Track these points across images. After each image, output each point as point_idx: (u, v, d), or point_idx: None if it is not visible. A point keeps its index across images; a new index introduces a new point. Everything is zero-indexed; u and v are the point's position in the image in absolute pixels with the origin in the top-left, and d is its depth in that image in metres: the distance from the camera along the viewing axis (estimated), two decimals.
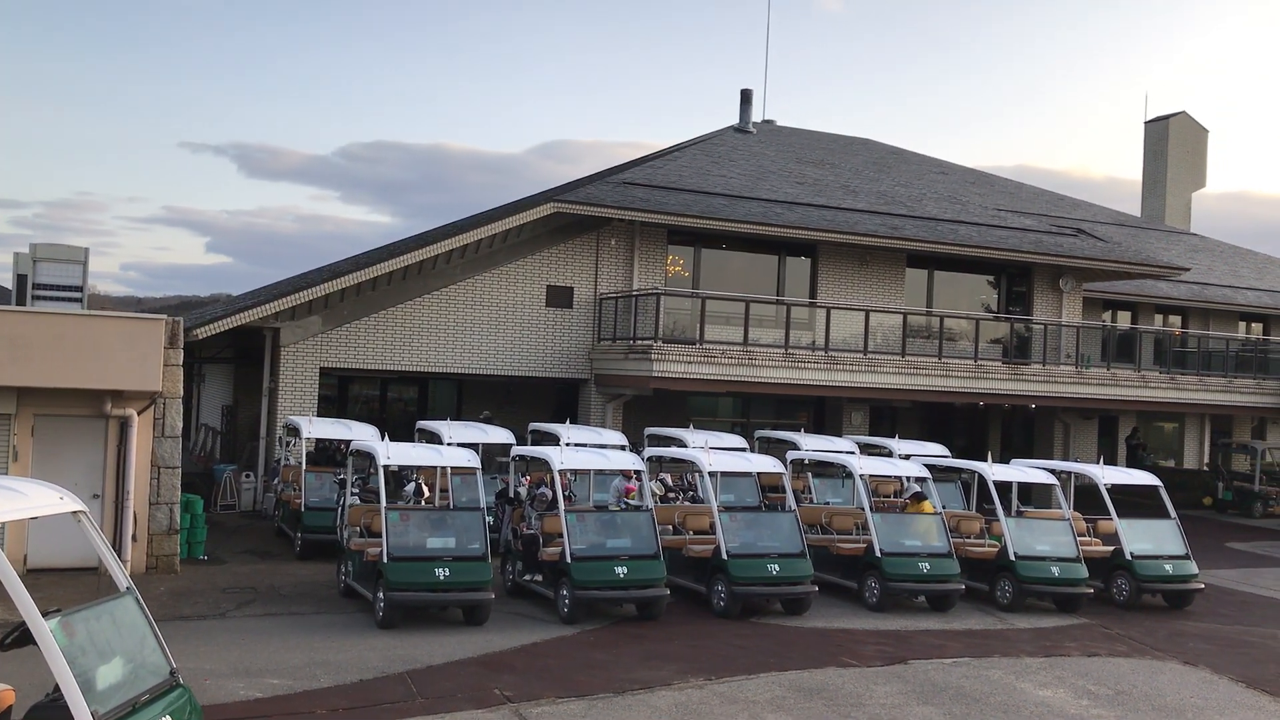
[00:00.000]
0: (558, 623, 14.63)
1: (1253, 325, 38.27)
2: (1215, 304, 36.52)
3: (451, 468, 17.36)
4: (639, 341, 23.64)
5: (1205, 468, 35.46)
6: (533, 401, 27.62)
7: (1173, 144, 45.23)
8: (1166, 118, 45.52)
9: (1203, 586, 18.26)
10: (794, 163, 32.22)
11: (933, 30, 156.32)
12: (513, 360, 24.91)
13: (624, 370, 24.00)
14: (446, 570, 14.04)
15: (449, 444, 18.49)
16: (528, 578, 15.95)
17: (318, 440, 20.81)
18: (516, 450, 18.13)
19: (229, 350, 27.98)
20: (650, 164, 29.32)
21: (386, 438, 16.72)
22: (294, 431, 20.52)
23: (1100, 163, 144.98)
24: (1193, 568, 18.13)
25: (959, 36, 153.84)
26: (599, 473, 18.48)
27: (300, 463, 19.59)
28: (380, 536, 14.27)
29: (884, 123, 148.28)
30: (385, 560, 13.96)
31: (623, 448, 19.82)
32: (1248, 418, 35.92)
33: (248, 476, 23.79)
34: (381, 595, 13.95)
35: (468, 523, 14.81)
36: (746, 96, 35.26)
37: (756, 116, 36.39)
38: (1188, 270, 33.52)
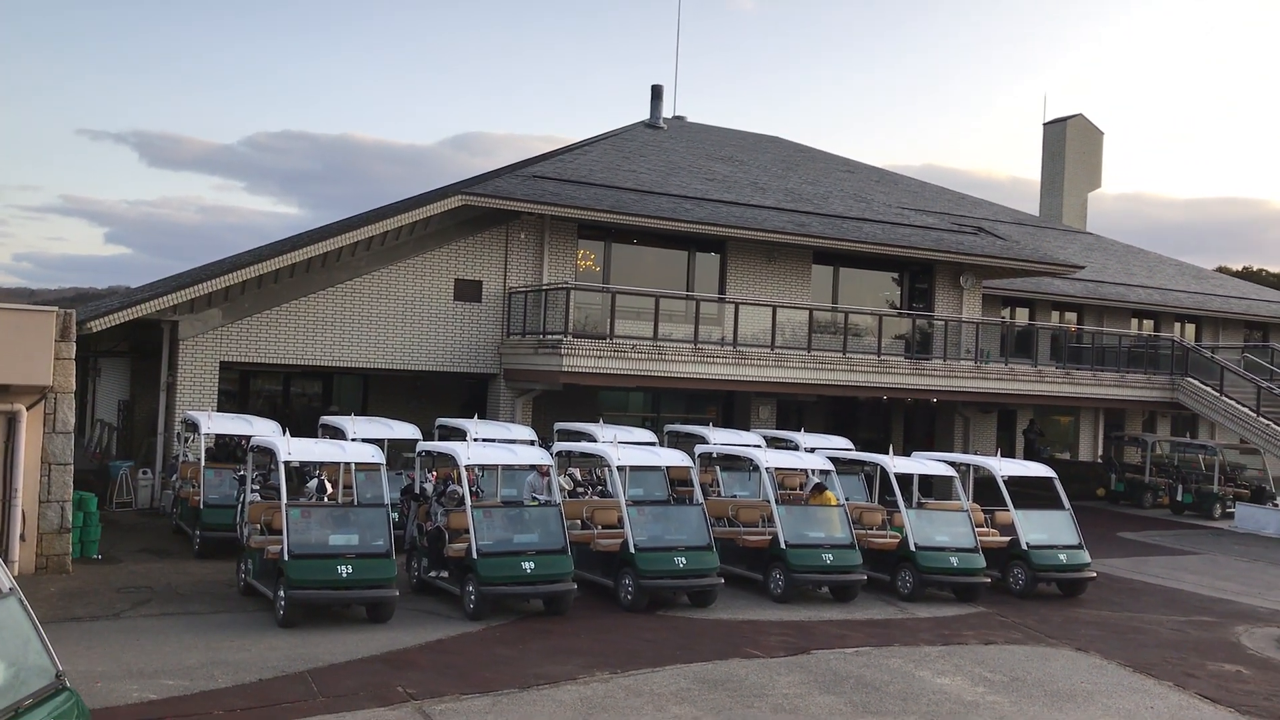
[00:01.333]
0: (464, 619, 14.53)
1: (1144, 322, 39.63)
2: (1109, 301, 37.73)
3: (355, 463, 17.11)
4: (549, 336, 23.58)
5: (1099, 460, 36.64)
6: (441, 396, 27.37)
7: (1070, 145, 46.59)
8: (1064, 120, 46.87)
9: (1095, 575, 18.87)
10: (704, 159, 32.44)
11: (844, 31, 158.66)
12: (420, 355, 24.64)
13: (534, 365, 23.92)
14: (349, 567, 13.85)
15: (353, 439, 18.22)
16: (433, 574, 15.81)
17: (217, 436, 20.35)
18: (422, 446, 17.95)
19: (126, 344, 27.19)
20: (560, 158, 29.26)
21: (288, 433, 16.42)
22: (193, 427, 20.04)
23: (1004, 163, 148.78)
24: (1086, 557, 18.73)
25: (870, 37, 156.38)
26: (506, 468, 18.39)
27: (199, 459, 19.14)
28: (281, 534, 14.02)
29: (794, 121, 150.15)
30: (286, 558, 13.72)
31: (532, 443, 19.77)
32: (1139, 411, 37.18)
33: (145, 473, 23.16)
34: (282, 593, 13.71)
35: (371, 519, 14.63)
36: (657, 92, 35.38)
37: (667, 112, 36.53)
38: (1083, 268, 34.56)
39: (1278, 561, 23.63)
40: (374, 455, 15.50)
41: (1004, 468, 19.38)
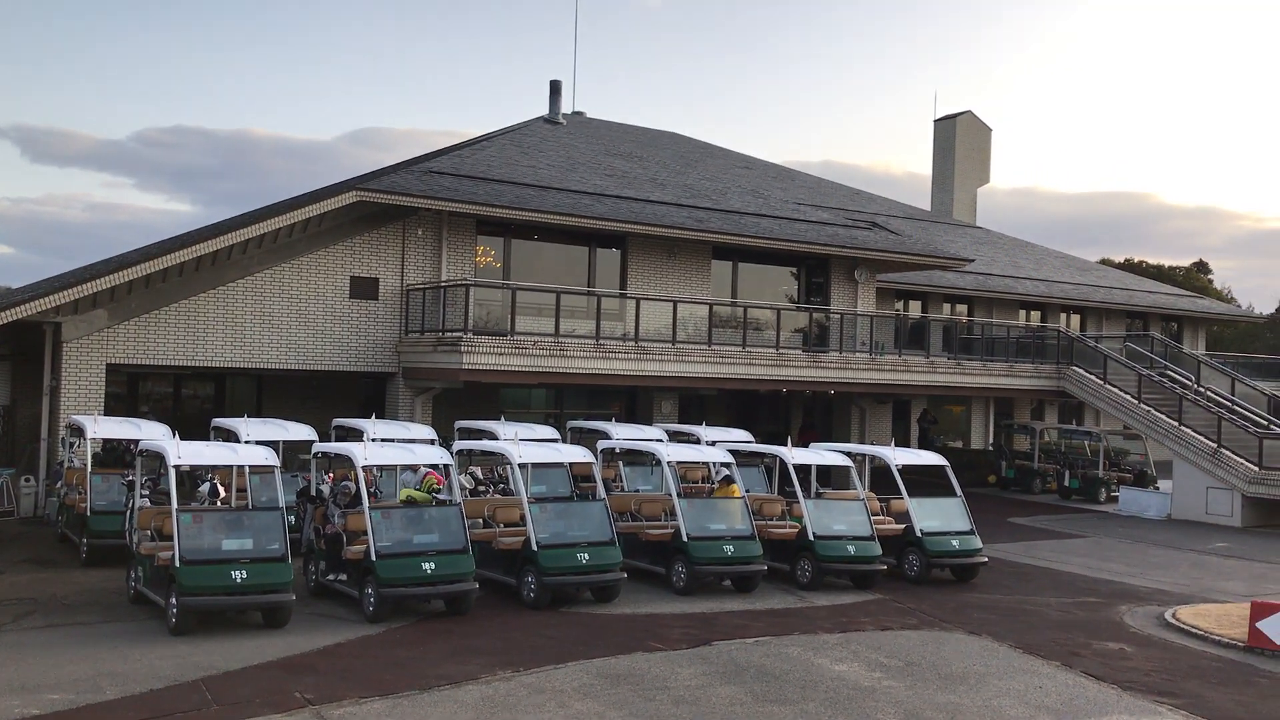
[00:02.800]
0: (363, 622, 14.34)
1: (1032, 313, 40.91)
2: (998, 293, 38.86)
3: (249, 466, 16.73)
4: (448, 333, 23.36)
5: (990, 447, 37.70)
6: (338, 397, 26.92)
7: (959, 142, 47.79)
8: (953, 117, 48.05)
9: (986, 560, 19.43)
10: (603, 155, 32.46)
11: (746, 28, 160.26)
12: (315, 354, 24.19)
13: (433, 363, 23.68)
14: (243, 572, 13.56)
15: (246, 442, 17.82)
16: (331, 577, 15.57)
17: (104, 441, 19.73)
18: (318, 447, 17.65)
19: (6, 347, 26.13)
20: (458, 153, 28.98)
21: (177, 436, 15.98)
22: (78, 432, 19.38)
23: (900, 159, 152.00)
24: (977, 543, 19.27)
25: (771, 35, 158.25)
26: (405, 468, 18.18)
27: (85, 464, 18.52)
28: (172, 539, 13.65)
29: (695, 117, 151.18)
30: (178, 564, 13.37)
31: (432, 442, 19.57)
32: (1028, 400, 38.37)
33: (28, 480, 22.32)
34: (174, 600, 13.36)
35: (266, 523, 14.33)
36: (556, 88, 35.27)
37: (567, 108, 36.46)
38: (972, 261, 35.49)
39: (1159, 543, 24.62)
40: (268, 458, 15.19)
41: (898, 457, 19.83)
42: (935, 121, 48.95)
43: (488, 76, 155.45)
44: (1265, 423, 29.96)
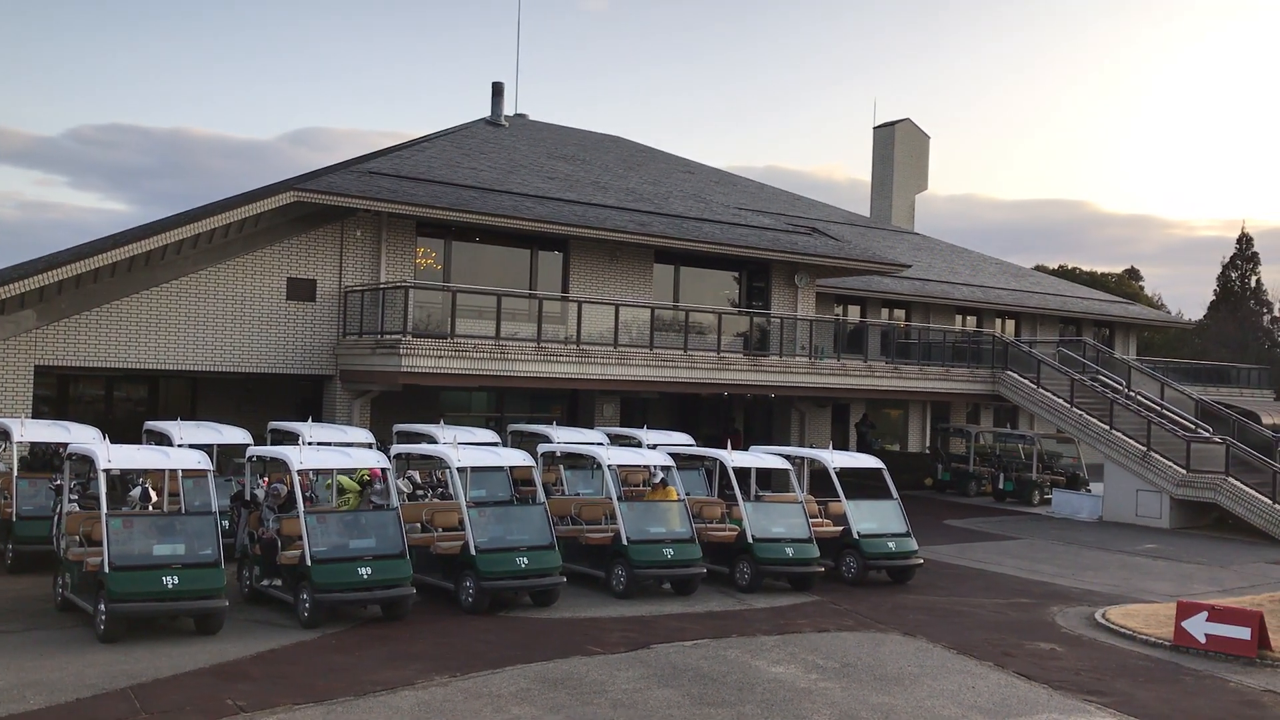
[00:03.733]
0: (298, 628, 14.17)
1: (967, 318, 41.52)
2: (935, 299, 39.40)
3: (182, 470, 16.44)
4: (387, 336, 23.15)
5: (927, 451, 38.20)
6: (274, 400, 26.55)
7: (898, 149, 48.42)
8: (892, 124, 48.66)
9: (922, 561, 19.69)
10: (545, 157, 32.40)
11: (690, 32, 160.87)
12: (251, 356, 23.85)
13: (372, 365, 23.46)
14: (175, 578, 13.33)
15: (179, 445, 17.52)
16: (266, 582, 15.36)
17: (32, 444, 19.27)
18: (253, 450, 17.41)
19: None
20: (398, 154, 28.75)
21: (108, 439, 15.67)
22: (4, 435, 18.89)
23: (844, 165, 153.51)
24: (914, 544, 19.51)
25: (717, 40, 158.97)
26: (341, 472, 17.98)
27: (11, 469, 18.08)
28: (101, 545, 13.38)
29: (639, 121, 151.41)
30: (107, 570, 13.11)
31: (370, 445, 19.40)
32: (963, 404, 38.94)
33: None
34: (103, 607, 13.10)
35: (198, 528, 14.11)
36: (498, 89, 35.15)
37: (509, 110, 36.34)
38: (910, 267, 35.95)
39: (1090, 544, 25.11)
40: (201, 461, 14.95)
41: (836, 460, 20.03)
42: (874, 129, 49.53)
43: (431, 78, 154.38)
44: (1193, 427, 30.68)
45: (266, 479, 17.33)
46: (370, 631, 14.20)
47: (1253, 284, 67.82)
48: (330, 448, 17.84)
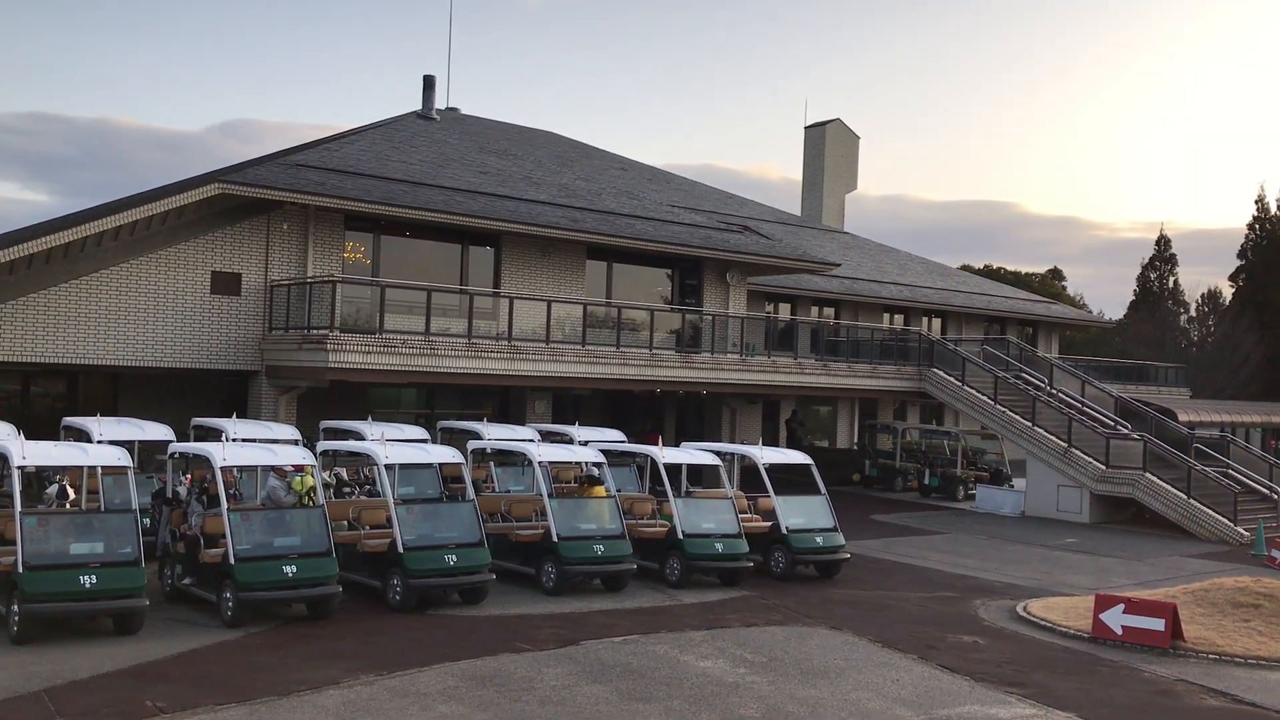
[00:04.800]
0: (221, 627, 13.94)
1: (895, 317, 42.11)
2: (864, 297, 39.89)
3: (101, 467, 16.06)
4: (314, 331, 22.83)
5: (855, 447, 38.68)
6: (198, 396, 26.03)
7: (829, 149, 48.90)
8: (823, 124, 49.15)
9: (849, 556, 19.94)
10: (477, 152, 32.20)
11: (627, 29, 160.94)
12: (174, 351, 23.37)
13: (298, 361, 23.13)
14: (93, 577, 13.03)
15: (99, 442, 17.12)
16: (188, 581, 15.08)
17: None
18: (175, 447, 17.07)
19: None
20: (326, 146, 28.36)
21: (23, 436, 15.25)
22: None
23: (779, 165, 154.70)
24: (841, 539, 19.75)
25: (653, 38, 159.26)
26: (266, 469, 17.70)
27: None
28: (15, 544, 13.02)
29: (574, 118, 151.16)
30: (21, 569, 12.77)
31: (295, 442, 19.11)
32: (891, 400, 39.48)
33: None
34: (16, 608, 12.76)
35: (118, 526, 13.79)
36: (430, 83, 34.85)
37: (441, 104, 36.05)
38: (839, 266, 36.35)
39: (1013, 539, 25.62)
40: (120, 458, 14.62)
41: (765, 456, 20.20)
42: (806, 129, 49.97)
43: (364, 71, 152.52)
44: (1112, 423, 31.45)
45: (189, 476, 17.03)
46: (295, 630, 14.01)
47: (1170, 285, 69.69)
48: (255, 444, 17.54)
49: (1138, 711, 12.04)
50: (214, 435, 19.24)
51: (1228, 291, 66.51)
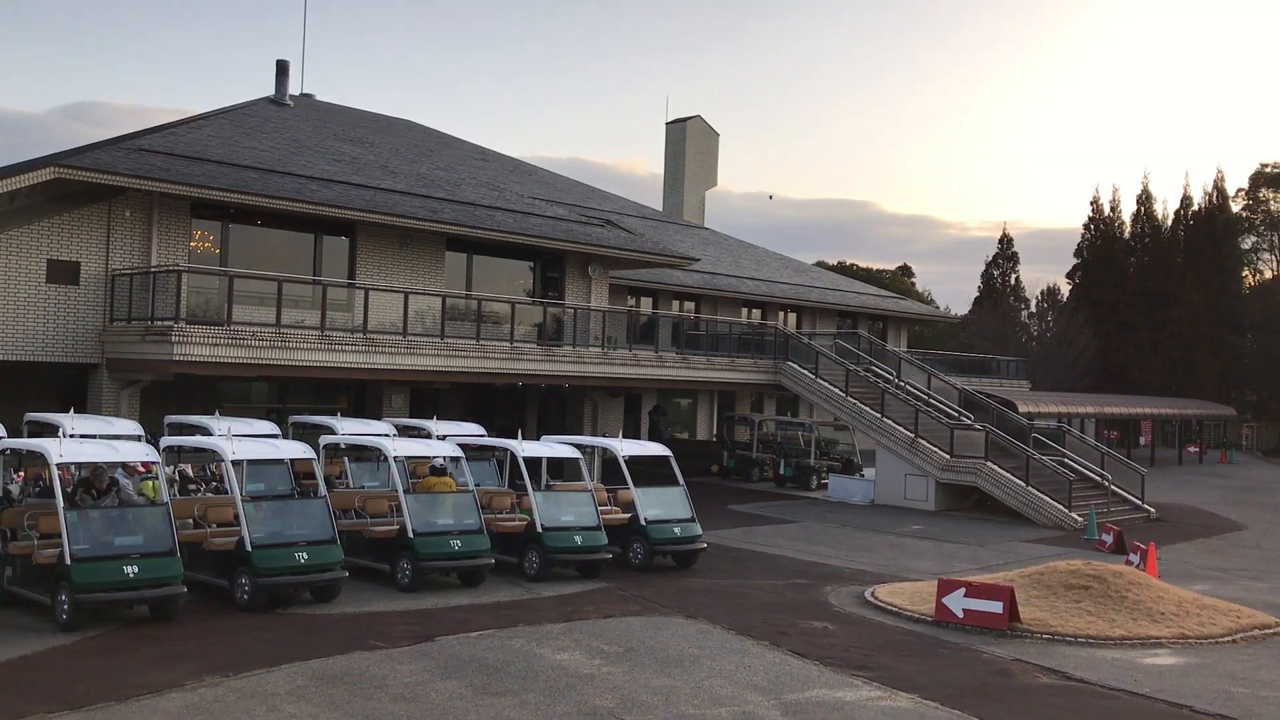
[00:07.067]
0: (56, 631, 13.31)
1: (753, 311, 42.90)
2: (723, 292, 40.52)
3: None
4: (158, 322, 21.97)
5: (714, 438, 39.27)
6: (33, 389, 24.74)
7: (689, 145, 49.46)
8: (684, 120, 49.66)
9: (706, 546, 20.24)
10: (332, 140, 31.46)
11: (496, 20, 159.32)
12: (6, 343, 22.17)
13: (141, 354, 22.22)
14: None
15: None
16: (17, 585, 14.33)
17: None
18: (7, 443, 16.20)
19: None
20: (172, 131, 27.29)
21: None
22: None
23: (646, 160, 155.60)
24: (698, 530, 20.04)
25: (523, 29, 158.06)
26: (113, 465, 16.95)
27: None
28: None
29: (438, 108, 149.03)
30: None
31: (138, 438, 18.36)
32: (749, 393, 40.25)
33: None
34: None
35: None
36: (283, 68, 33.93)
37: (295, 89, 35.10)
38: (699, 261, 36.84)
39: (863, 526, 26.42)
40: None
41: (625, 448, 20.34)
42: (667, 124, 50.42)
43: (218, 54, 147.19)
44: (956, 414, 32.71)
45: (22, 474, 16.21)
46: (137, 633, 13.48)
47: (1012, 281, 72.85)
48: (94, 440, 16.78)
49: (976, 691, 12.56)
50: (50, 431, 18.33)
51: (1065, 289, 69.96)
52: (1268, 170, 70.37)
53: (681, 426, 41.23)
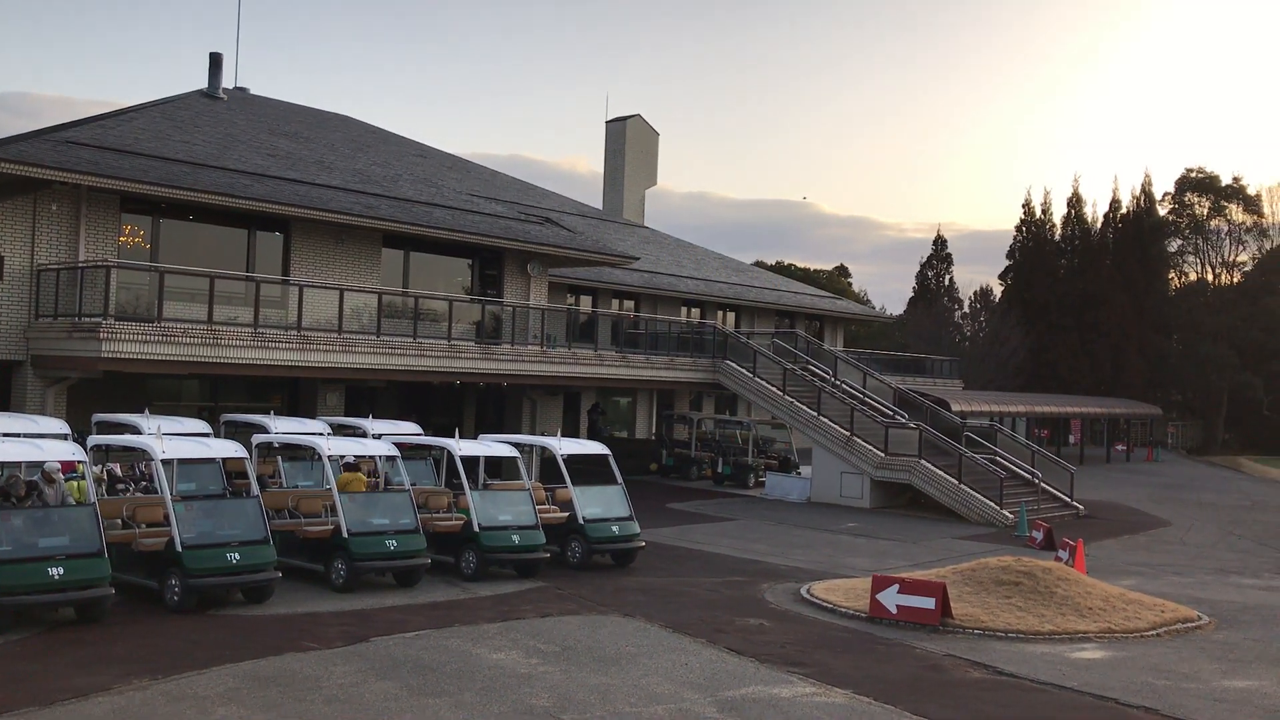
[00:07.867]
0: None
1: (692, 310, 43.04)
2: (663, 291, 40.60)
3: None
4: (86, 319, 21.48)
5: (653, 437, 39.34)
6: None
7: (629, 144, 49.46)
8: (624, 119, 49.66)
9: (644, 544, 20.28)
10: (266, 134, 30.98)
11: (435, 16, 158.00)
12: None
13: (68, 351, 21.72)
14: None
15: None
16: None
17: None
18: None
19: None
20: (101, 123, 26.67)
21: None
22: None
23: (588, 158, 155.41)
24: (636, 528, 20.08)
25: (463, 25, 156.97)
26: (31, 466, 16.55)
27: None
28: None
29: (376, 104, 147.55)
30: None
31: (65, 437, 17.94)
32: (687, 391, 40.37)
33: None
34: None
35: None
36: (216, 61, 33.32)
37: (229, 83, 34.51)
38: (639, 260, 36.86)
39: (799, 524, 26.65)
40: None
41: (564, 447, 20.32)
42: (607, 123, 50.38)
43: (150, 46, 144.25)
44: (891, 413, 33.12)
45: None
46: (62, 635, 13.18)
47: (946, 282, 73.92)
48: (18, 439, 16.35)
49: (909, 686, 12.74)
50: None
51: (998, 289, 71.13)
52: (1193, 175, 72.14)
53: (621, 425, 41.24)
